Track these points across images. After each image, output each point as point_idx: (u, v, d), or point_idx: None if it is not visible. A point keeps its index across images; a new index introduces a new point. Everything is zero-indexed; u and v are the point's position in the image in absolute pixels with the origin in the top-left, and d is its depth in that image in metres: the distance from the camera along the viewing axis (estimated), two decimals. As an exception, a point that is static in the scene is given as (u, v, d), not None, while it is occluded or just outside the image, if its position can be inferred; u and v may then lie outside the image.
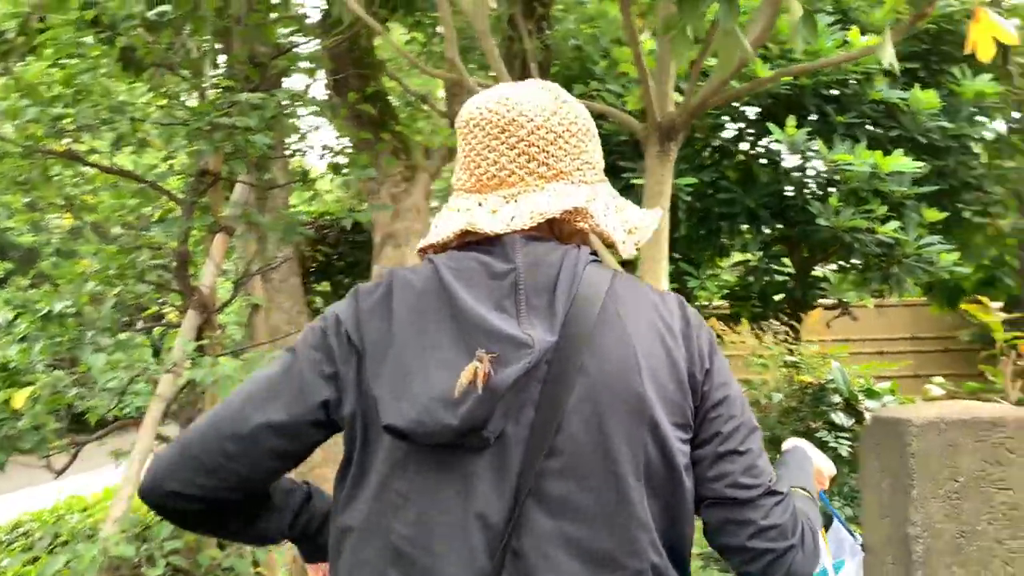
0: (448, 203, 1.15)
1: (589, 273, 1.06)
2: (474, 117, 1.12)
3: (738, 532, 1.05)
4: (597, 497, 0.99)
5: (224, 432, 1.03)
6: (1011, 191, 5.84)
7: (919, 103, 5.13)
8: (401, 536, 0.97)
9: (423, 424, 0.94)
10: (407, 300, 1.03)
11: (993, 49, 2.62)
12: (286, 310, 4.83)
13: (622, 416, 1.00)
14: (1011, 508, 2.01)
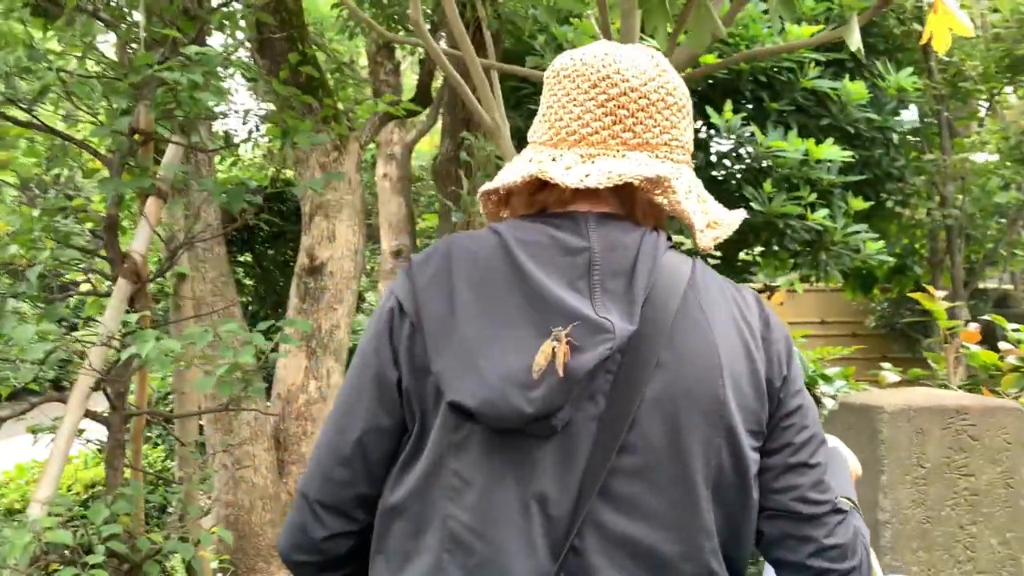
0: (521, 153, 1.07)
1: (669, 259, 0.99)
2: (566, 67, 1.04)
3: (799, 548, 1.00)
4: (667, 500, 0.93)
5: (330, 464, 1.00)
6: (928, 182, 6.08)
7: (848, 94, 5.24)
8: (459, 522, 0.91)
9: (493, 405, 0.88)
10: (469, 272, 0.95)
11: (949, 41, 2.65)
12: (211, 280, 4.57)
13: (699, 419, 0.93)
14: (972, 494, 2.06)
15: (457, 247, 0.99)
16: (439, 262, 0.98)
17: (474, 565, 0.90)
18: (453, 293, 0.94)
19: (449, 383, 0.90)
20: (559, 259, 0.95)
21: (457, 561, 0.90)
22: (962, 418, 2.05)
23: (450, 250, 0.98)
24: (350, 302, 5.45)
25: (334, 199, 5.20)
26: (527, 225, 1.00)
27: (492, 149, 2.91)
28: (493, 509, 0.90)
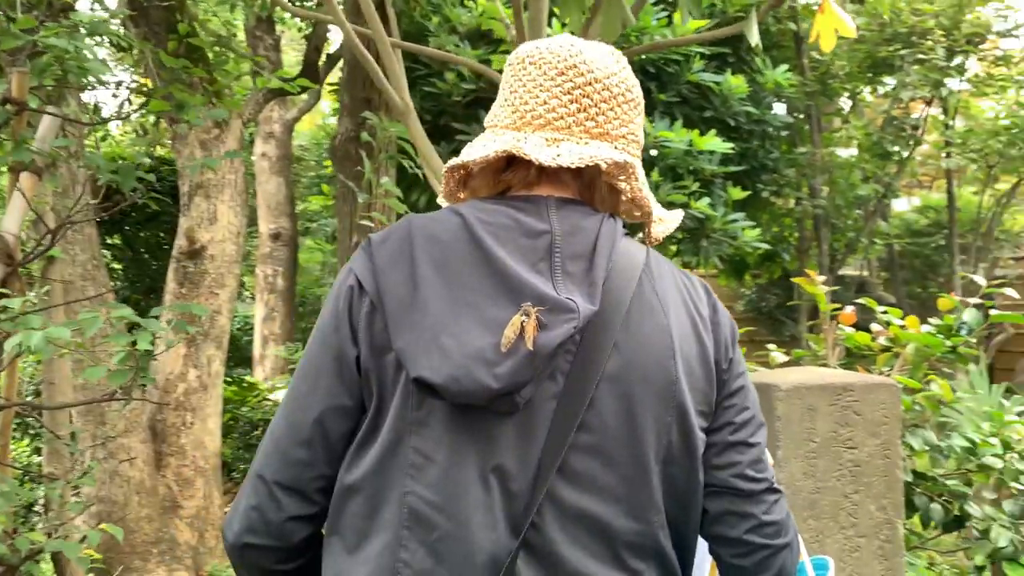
0: (481, 136, 1.07)
1: (625, 245, 1.01)
2: (531, 55, 1.06)
3: (737, 524, 1.03)
4: (620, 476, 0.95)
5: (289, 444, 0.98)
6: (799, 174, 6.44)
7: (730, 88, 5.48)
8: (420, 497, 0.91)
9: (458, 381, 0.88)
10: (431, 252, 0.95)
11: (835, 40, 2.81)
12: (81, 263, 4.28)
13: (652, 399, 0.96)
14: (855, 465, 2.21)
15: (418, 227, 0.98)
16: (399, 241, 0.98)
17: (435, 539, 0.90)
18: (415, 272, 0.94)
19: (413, 359, 0.90)
20: (521, 241, 0.97)
21: (417, 537, 0.91)
22: (848, 395, 2.20)
23: (411, 230, 0.98)
24: (232, 287, 5.23)
25: (215, 178, 4.97)
26: (489, 207, 1.01)
27: (395, 130, 2.86)
28: (455, 484, 0.91)
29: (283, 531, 0.99)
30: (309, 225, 11.65)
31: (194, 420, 4.96)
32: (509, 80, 1.07)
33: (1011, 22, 7.24)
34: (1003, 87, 7.76)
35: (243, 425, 5.91)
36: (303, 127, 12.95)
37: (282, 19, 8.77)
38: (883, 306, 3.04)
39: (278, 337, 9.91)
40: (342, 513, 0.96)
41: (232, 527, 1.02)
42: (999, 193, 9.54)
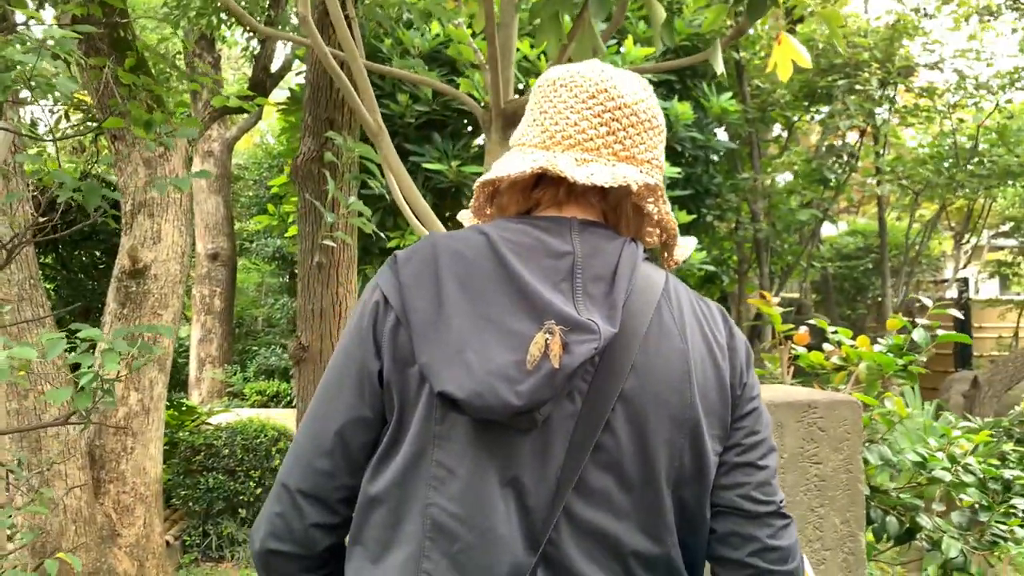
0: (509, 154, 1.08)
1: (645, 269, 1.03)
2: (562, 77, 1.08)
3: (741, 546, 1.02)
4: (634, 497, 0.97)
5: (311, 455, 1.00)
6: (741, 198, 6.63)
7: (677, 114, 5.62)
8: (443, 509, 0.93)
9: (482, 397, 0.89)
10: (456, 269, 0.96)
11: (791, 70, 2.92)
12: (18, 283, 4.12)
13: (666, 421, 0.98)
14: (821, 480, 2.28)
15: (443, 245, 0.99)
16: (425, 259, 0.99)
17: (457, 551, 0.91)
18: (440, 288, 0.95)
19: (437, 374, 0.91)
20: (544, 261, 0.98)
21: (440, 548, 0.92)
22: (813, 411, 2.27)
23: (435, 248, 0.99)
24: (176, 307, 5.09)
25: (159, 197, 4.85)
26: (512, 226, 1.02)
27: (359, 150, 2.85)
28: (476, 497, 0.92)
29: (307, 539, 1.01)
30: (247, 245, 11.44)
31: (135, 445, 4.79)
32: (539, 101, 1.09)
33: (936, 56, 7.64)
34: (928, 118, 8.16)
35: (183, 450, 5.73)
36: (242, 146, 12.74)
37: (223, 37, 8.64)
38: (831, 327, 3.15)
39: (215, 359, 9.67)
40: (365, 524, 0.97)
41: (258, 533, 1.03)
42: (923, 219, 9.99)
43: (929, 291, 11.09)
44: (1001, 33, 8.73)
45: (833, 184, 7.78)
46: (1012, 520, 2.84)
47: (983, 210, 10.37)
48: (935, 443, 2.98)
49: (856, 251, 10.93)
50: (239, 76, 13.97)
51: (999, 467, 3.42)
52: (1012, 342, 11.53)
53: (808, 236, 8.31)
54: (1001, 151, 7.83)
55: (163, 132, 2.28)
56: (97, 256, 7.32)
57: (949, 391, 8.30)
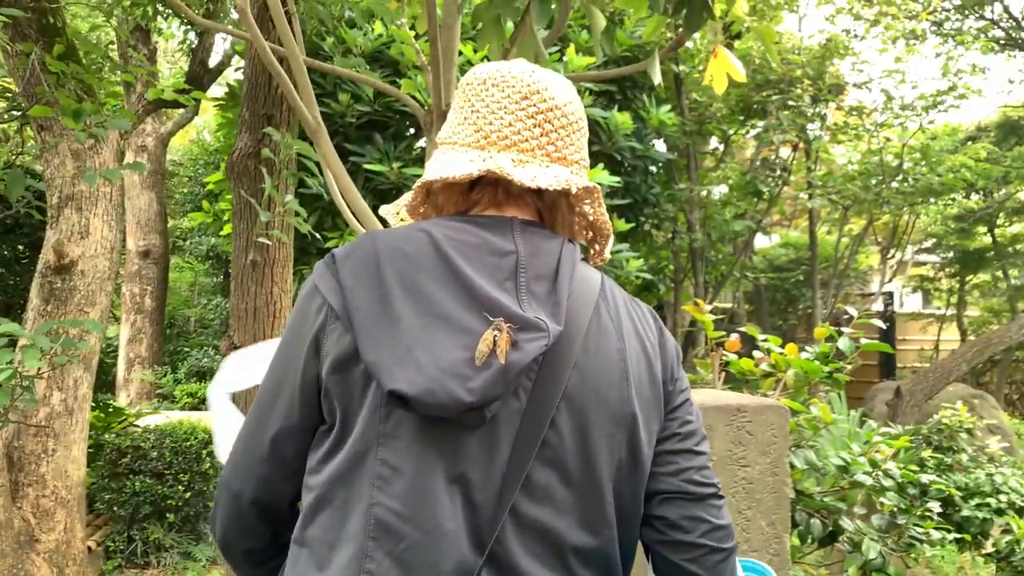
0: (442, 152, 1.08)
1: (582, 269, 1.05)
2: (493, 77, 1.09)
3: (693, 529, 1.05)
4: (576, 492, 0.98)
5: (250, 459, 1.03)
6: (678, 208, 6.75)
7: (617, 124, 5.70)
8: (387, 508, 0.92)
9: (432, 394, 0.89)
10: (399, 267, 0.96)
11: (726, 83, 2.99)
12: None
13: (606, 418, 1.00)
14: (748, 482, 2.33)
15: (383, 244, 0.98)
16: (365, 258, 0.98)
17: (402, 550, 0.91)
18: (384, 288, 0.95)
19: (388, 372, 0.90)
20: (488, 259, 0.99)
21: (384, 547, 0.91)
22: (742, 415, 2.33)
23: (375, 246, 0.98)
24: (104, 304, 4.93)
25: (88, 191, 4.70)
26: (455, 225, 1.02)
27: (297, 147, 2.81)
28: (423, 495, 0.92)
29: (251, 535, 1.06)
30: (180, 243, 11.16)
31: (56, 447, 4.62)
32: (469, 99, 1.09)
33: (865, 75, 7.92)
34: (857, 136, 8.45)
35: (109, 452, 5.55)
36: (177, 142, 12.43)
37: (158, 29, 8.43)
38: (761, 335, 3.23)
39: (145, 360, 9.40)
40: (309, 524, 0.97)
41: (214, 530, 1.09)
42: (851, 233, 10.34)
43: (856, 303, 11.46)
44: (926, 56, 9.10)
45: (766, 197, 8.00)
46: (927, 523, 2.96)
47: (907, 226, 10.78)
48: (858, 449, 3.08)
49: (788, 263, 11.25)
50: (175, 70, 13.63)
51: (918, 472, 3.56)
52: (933, 354, 12.01)
53: (742, 247, 8.52)
54: (924, 170, 8.16)
55: (93, 123, 2.21)
56: (20, 250, 7.05)
57: (874, 400, 8.59)
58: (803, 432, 2.85)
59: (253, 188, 2.99)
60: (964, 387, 8.94)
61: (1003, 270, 11.56)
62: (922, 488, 3.38)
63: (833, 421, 2.86)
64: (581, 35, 5.83)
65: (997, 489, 4.76)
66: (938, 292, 13.25)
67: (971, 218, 10.47)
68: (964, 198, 10.49)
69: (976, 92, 8.19)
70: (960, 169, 8.15)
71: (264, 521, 1.05)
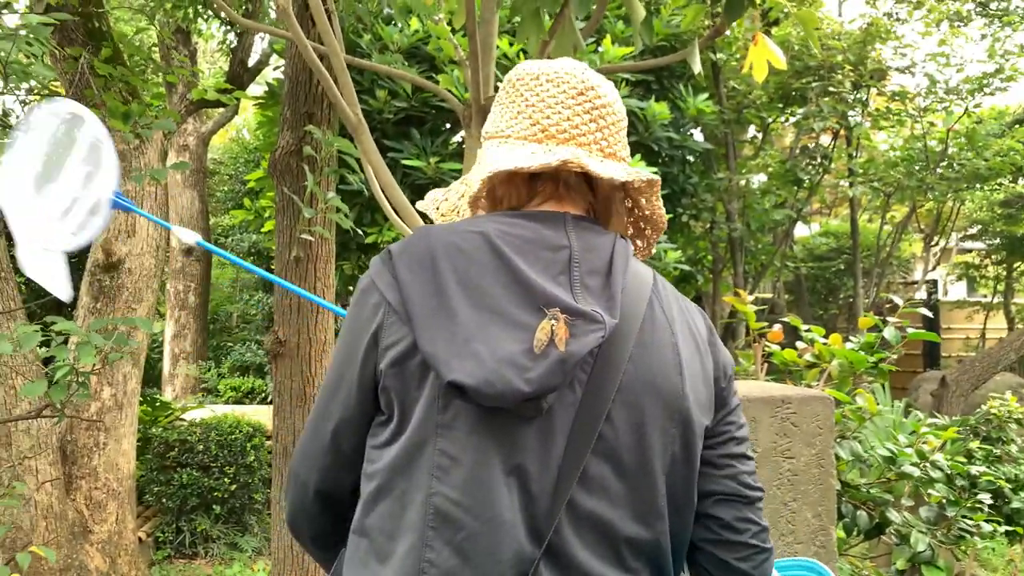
0: (495, 145, 1.09)
1: (635, 265, 1.06)
2: (545, 73, 1.11)
3: (745, 530, 1.10)
4: (630, 484, 0.99)
5: (313, 449, 1.08)
6: (716, 198, 6.68)
7: (654, 114, 5.66)
8: (446, 498, 0.93)
9: (492, 385, 0.91)
10: (456, 263, 0.97)
11: (766, 70, 2.95)
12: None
13: (660, 412, 1.01)
14: (793, 474, 2.32)
15: (438, 239, 1.00)
16: (421, 253, 0.99)
17: (461, 539, 0.92)
18: (439, 282, 0.96)
19: (446, 365, 0.92)
20: (542, 254, 1.00)
21: (443, 536, 0.93)
22: (787, 407, 2.31)
23: (430, 241, 1.00)
24: (150, 301, 5.05)
25: (134, 190, 4.80)
26: (508, 220, 1.04)
27: (339, 145, 2.84)
28: (480, 485, 0.93)
29: (320, 521, 1.11)
30: (223, 240, 11.33)
31: (108, 440, 4.74)
32: (521, 93, 1.10)
33: (908, 60, 7.76)
34: (899, 121, 8.28)
35: (157, 446, 5.68)
36: (217, 140, 12.63)
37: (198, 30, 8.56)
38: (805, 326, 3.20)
39: (189, 355, 9.59)
40: (368, 514, 0.99)
41: (286, 513, 1.14)
42: (894, 221, 10.15)
43: (899, 292, 11.26)
44: (971, 39, 8.89)
45: (807, 185, 7.88)
46: (978, 515, 2.91)
47: (952, 213, 10.55)
48: (904, 440, 3.04)
49: (828, 252, 11.07)
50: (215, 70, 13.83)
51: (965, 464, 3.50)
52: (979, 343, 11.75)
53: (781, 236, 8.41)
54: (970, 155, 7.97)
55: (141, 124, 2.27)
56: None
57: (918, 390, 8.44)
58: (848, 423, 2.82)
59: (296, 185, 3.03)
60: (1012, 376, 8.74)
61: (1052, 256, 11.25)
62: (971, 480, 3.31)
63: (878, 412, 2.82)
64: (617, 25, 5.79)
65: (1049, 481, 4.66)
66: (984, 279, 12.94)
67: (1019, 203, 10.20)
68: (1011, 183, 10.22)
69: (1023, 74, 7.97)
70: (1008, 153, 7.94)
71: (328, 509, 1.08)
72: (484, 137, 1.13)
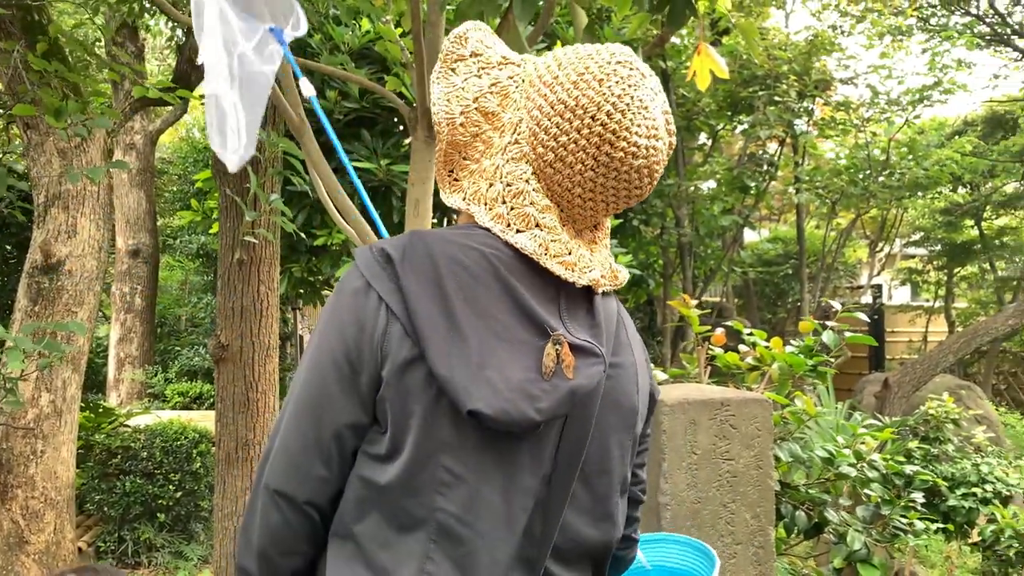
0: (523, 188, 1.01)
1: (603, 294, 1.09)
2: (628, 142, 0.97)
3: (632, 525, 1.20)
4: (592, 495, 1.03)
5: (308, 461, 0.98)
6: (666, 204, 6.76)
7: (605, 119, 5.69)
8: (450, 514, 0.94)
9: (508, 414, 0.92)
10: (462, 282, 0.95)
11: (709, 79, 3.00)
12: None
13: (621, 426, 1.06)
14: (733, 476, 2.36)
15: (437, 250, 0.97)
16: (424, 265, 0.96)
17: (463, 555, 0.94)
18: (446, 300, 0.94)
19: (464, 392, 0.91)
20: (535, 280, 0.99)
21: (444, 551, 0.94)
22: (725, 410, 2.35)
23: (432, 253, 0.96)
24: (92, 304, 4.92)
25: (75, 189, 4.68)
26: (502, 241, 1.00)
27: (283, 146, 2.81)
28: (484, 503, 0.95)
29: (301, 540, 1.01)
30: (170, 242, 11.11)
31: (46, 448, 4.61)
32: (586, 153, 0.98)
33: (851, 72, 7.96)
34: (844, 130, 8.48)
35: (99, 453, 5.54)
36: (167, 139, 12.38)
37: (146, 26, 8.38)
38: (747, 329, 3.25)
39: (135, 360, 9.36)
40: (357, 521, 0.97)
41: (251, 542, 1.02)
42: (840, 227, 10.39)
43: (846, 297, 11.52)
44: (912, 52, 9.14)
45: (754, 192, 8.02)
46: (912, 513, 2.99)
47: (895, 220, 10.84)
48: (843, 441, 3.11)
49: (777, 257, 11.29)
50: (164, 67, 13.58)
51: (903, 463, 3.59)
52: (922, 346, 12.08)
53: (730, 242, 8.54)
54: (911, 164, 8.20)
55: (77, 121, 2.21)
56: (7, 250, 7.02)
57: (863, 392, 8.64)
58: (788, 425, 2.87)
59: (239, 186, 2.99)
60: (952, 378, 9.00)
61: (990, 262, 11.64)
62: (907, 479, 3.41)
63: (817, 414, 2.88)
64: (568, 32, 5.82)
65: (983, 479, 4.81)
66: (926, 284, 13.32)
67: (958, 211, 10.54)
68: (951, 192, 10.55)
69: (962, 87, 8.24)
70: (946, 163, 8.19)
71: (312, 528, 1.00)
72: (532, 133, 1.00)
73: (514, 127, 1.03)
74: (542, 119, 0.99)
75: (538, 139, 0.99)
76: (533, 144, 1.00)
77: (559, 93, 0.98)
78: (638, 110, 0.95)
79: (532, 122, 1.00)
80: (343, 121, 5.19)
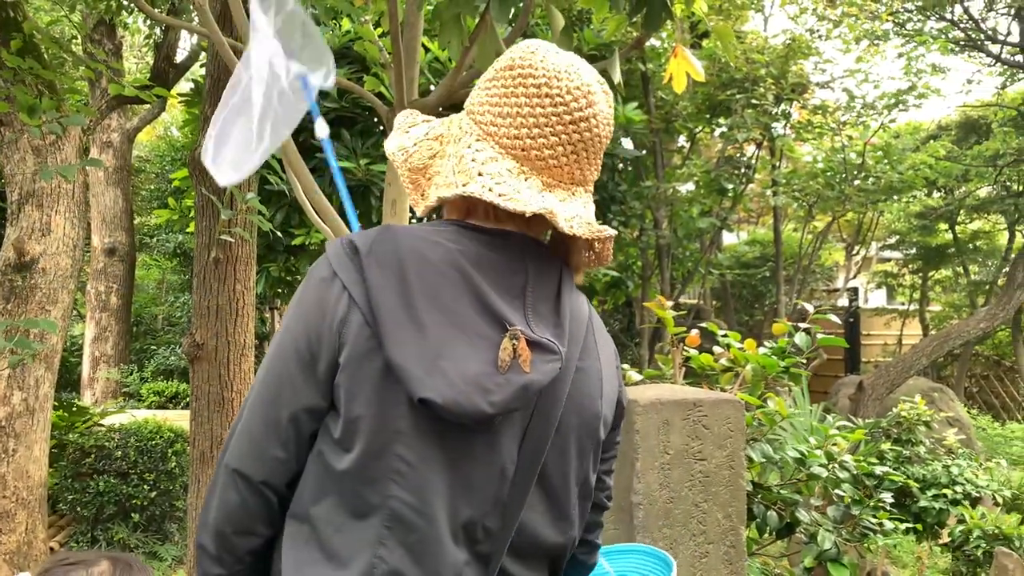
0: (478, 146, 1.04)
1: (575, 292, 1.09)
2: (549, 83, 1.03)
3: (595, 531, 1.23)
4: (550, 497, 1.05)
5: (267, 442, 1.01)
6: (645, 206, 6.80)
7: (584, 121, 5.72)
8: (402, 501, 0.96)
9: (459, 404, 0.93)
10: (422, 273, 0.97)
11: (685, 82, 3.03)
12: None
13: (582, 430, 1.07)
14: (705, 476, 2.38)
15: (404, 244, 0.99)
16: (388, 256, 0.98)
17: (415, 541, 0.96)
18: (408, 292, 0.96)
19: (418, 381, 0.93)
20: (501, 277, 1.01)
21: (397, 537, 0.96)
22: (698, 410, 2.37)
23: (398, 245, 0.99)
24: (66, 303, 4.87)
25: (49, 187, 4.64)
26: (472, 236, 1.03)
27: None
28: (435, 492, 0.97)
29: (261, 521, 1.03)
30: (147, 240, 11.02)
31: (17, 447, 4.56)
32: (516, 94, 1.04)
33: (827, 75, 8.04)
34: (820, 134, 8.57)
35: (72, 452, 5.48)
36: (145, 138, 12.28)
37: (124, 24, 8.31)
38: (722, 330, 3.28)
39: (110, 359, 9.28)
40: (313, 503, 0.99)
41: (208, 520, 1.04)
42: (816, 230, 10.49)
43: (822, 299, 11.63)
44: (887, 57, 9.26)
45: (731, 194, 8.09)
46: (881, 513, 3.03)
47: (871, 223, 10.96)
48: (815, 442, 3.15)
49: (754, 260, 11.38)
50: (142, 65, 13.45)
51: (875, 464, 3.64)
52: (896, 349, 12.22)
53: (708, 244, 8.60)
54: (886, 168, 8.30)
55: (51, 119, 2.19)
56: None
57: (838, 394, 8.74)
58: (761, 427, 2.91)
59: (215, 185, 2.97)
60: (925, 381, 9.12)
61: (963, 266, 11.80)
62: (878, 480, 3.46)
63: (790, 415, 2.92)
64: (547, 34, 5.85)
65: (953, 480, 4.88)
66: (901, 288, 13.49)
67: (933, 215, 10.67)
68: (926, 196, 10.69)
69: (936, 92, 8.35)
70: (921, 167, 8.30)
71: (267, 506, 1.03)
72: (469, 113, 1.07)
73: (459, 126, 1.09)
74: (475, 96, 1.08)
75: (475, 111, 1.06)
76: (473, 117, 1.07)
77: (487, 75, 1.08)
78: (564, 65, 1.05)
79: (469, 106, 1.09)
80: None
